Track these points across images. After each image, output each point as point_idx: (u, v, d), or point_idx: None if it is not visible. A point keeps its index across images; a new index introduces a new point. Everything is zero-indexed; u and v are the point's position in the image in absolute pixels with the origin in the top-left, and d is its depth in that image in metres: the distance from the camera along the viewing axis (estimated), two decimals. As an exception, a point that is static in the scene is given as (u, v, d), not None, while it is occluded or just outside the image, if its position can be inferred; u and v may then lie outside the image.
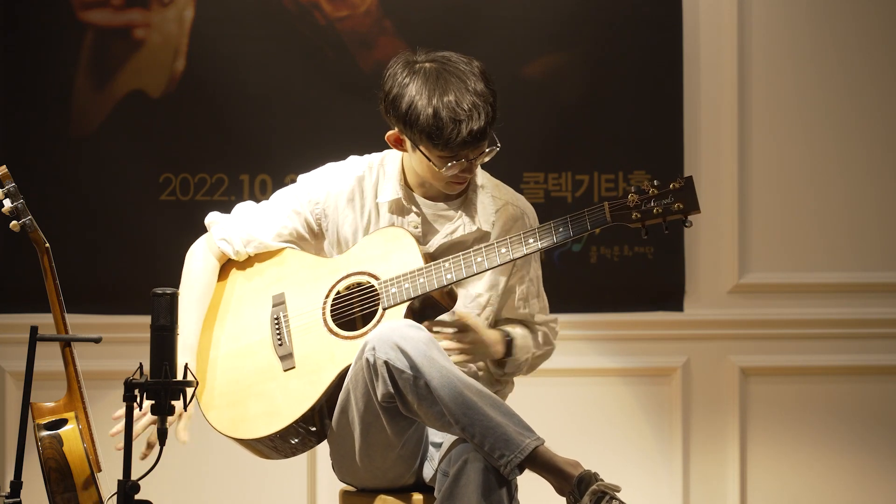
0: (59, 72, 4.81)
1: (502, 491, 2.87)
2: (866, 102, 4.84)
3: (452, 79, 3.03)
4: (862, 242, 4.84)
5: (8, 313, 4.76)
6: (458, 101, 3.00)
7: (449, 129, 2.99)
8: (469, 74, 3.04)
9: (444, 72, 3.04)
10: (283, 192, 3.28)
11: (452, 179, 3.10)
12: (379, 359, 2.91)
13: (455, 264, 3.05)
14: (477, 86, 3.03)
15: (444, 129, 3.00)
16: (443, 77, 3.03)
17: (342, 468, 3.16)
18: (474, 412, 2.87)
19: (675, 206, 2.95)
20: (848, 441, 4.81)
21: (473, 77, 3.04)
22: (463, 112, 2.99)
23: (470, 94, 3.01)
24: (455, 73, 3.03)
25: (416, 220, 3.19)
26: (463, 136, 3.00)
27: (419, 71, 3.05)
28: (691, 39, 4.82)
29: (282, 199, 3.26)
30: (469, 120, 2.99)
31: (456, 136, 3.00)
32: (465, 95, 3.01)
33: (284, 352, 3.13)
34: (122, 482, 2.84)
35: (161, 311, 2.85)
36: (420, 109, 3.01)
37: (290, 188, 3.28)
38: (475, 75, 3.05)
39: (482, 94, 3.02)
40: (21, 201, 3.30)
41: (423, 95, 3.01)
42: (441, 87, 3.01)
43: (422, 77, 3.04)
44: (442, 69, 3.04)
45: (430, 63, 3.07)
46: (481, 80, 3.05)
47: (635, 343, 4.81)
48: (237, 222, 3.26)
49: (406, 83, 3.04)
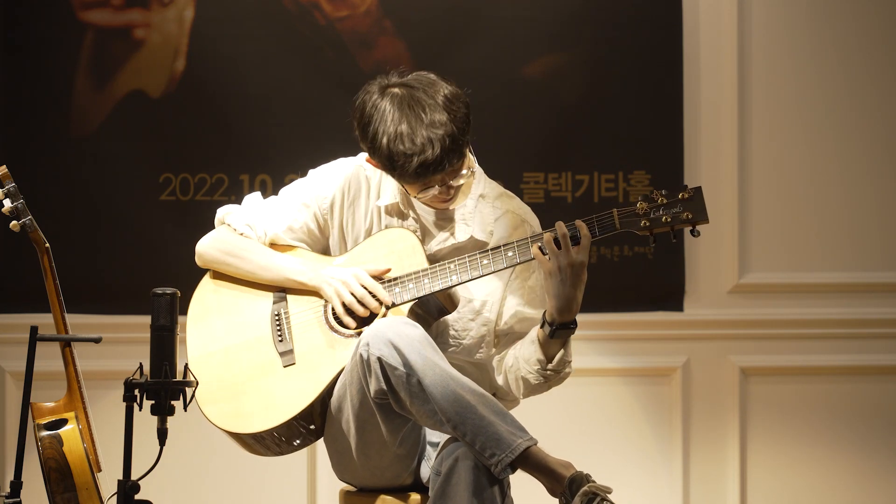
0: (59, 72, 4.81)
1: (494, 489, 2.87)
2: (866, 102, 4.84)
3: (412, 109, 3.00)
4: (862, 242, 4.84)
5: (8, 313, 4.76)
6: (410, 134, 2.98)
7: (400, 162, 3.00)
8: (429, 106, 3.01)
9: (405, 99, 3.02)
10: (293, 186, 3.28)
11: (430, 201, 3.11)
12: (373, 355, 2.92)
13: (461, 266, 3.05)
14: (435, 116, 3.00)
15: (395, 161, 3.00)
16: (402, 107, 3.01)
17: (340, 466, 3.16)
18: (466, 411, 2.86)
19: (683, 215, 2.97)
20: (848, 441, 4.81)
21: (433, 108, 3.01)
22: (414, 146, 2.98)
23: (426, 126, 2.99)
24: (417, 103, 3.01)
25: (414, 224, 3.19)
26: (413, 168, 2.99)
27: (386, 96, 3.04)
28: (691, 39, 4.82)
29: (292, 193, 3.27)
30: (420, 153, 2.98)
31: (407, 169, 3.00)
32: (420, 128, 2.99)
33: (284, 348, 3.13)
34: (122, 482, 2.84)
35: (161, 311, 2.86)
36: (379, 139, 3.01)
37: (300, 182, 3.28)
38: (436, 105, 3.01)
39: (439, 124, 2.99)
40: (21, 201, 3.30)
41: (383, 124, 3.01)
42: (399, 118, 3.00)
43: (388, 103, 3.03)
44: (404, 97, 3.02)
45: (399, 88, 3.05)
46: (442, 109, 3.01)
47: (635, 343, 4.81)
48: (253, 212, 3.26)
49: (374, 109, 3.04)
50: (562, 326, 3.01)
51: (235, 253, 3.23)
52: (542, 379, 3.07)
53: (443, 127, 2.99)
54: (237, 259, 3.23)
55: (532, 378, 3.07)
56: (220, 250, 3.25)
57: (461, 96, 3.06)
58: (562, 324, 3.00)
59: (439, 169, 3.01)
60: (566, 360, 3.07)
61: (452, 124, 3.00)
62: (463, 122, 3.02)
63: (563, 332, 3.02)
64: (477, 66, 4.77)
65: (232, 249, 3.24)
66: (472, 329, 3.16)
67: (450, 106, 3.02)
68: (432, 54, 4.80)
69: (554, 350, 3.04)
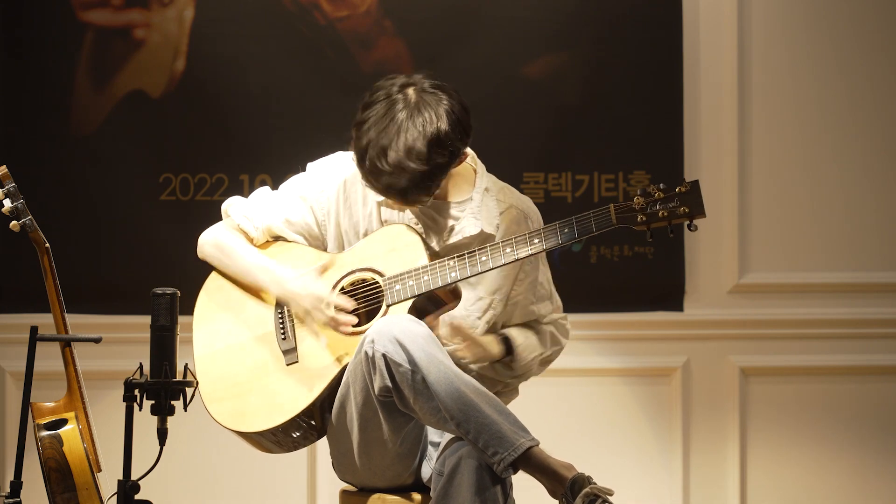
0: (59, 72, 4.81)
1: (496, 489, 2.87)
2: (866, 102, 4.84)
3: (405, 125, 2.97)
4: (861, 242, 4.84)
5: (8, 313, 4.76)
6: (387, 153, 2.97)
7: (365, 171, 3.01)
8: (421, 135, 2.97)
9: (408, 110, 2.99)
10: (293, 180, 3.28)
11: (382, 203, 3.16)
12: (377, 352, 2.92)
13: (460, 263, 3.05)
14: (418, 147, 2.97)
15: (364, 164, 3.00)
16: (398, 117, 2.99)
17: (342, 466, 3.16)
18: (470, 409, 2.87)
19: (680, 209, 2.95)
20: (848, 441, 4.81)
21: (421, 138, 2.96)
22: (385, 165, 2.97)
23: (404, 151, 2.96)
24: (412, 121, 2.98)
25: (415, 217, 3.18)
26: (379, 188, 3.01)
27: (400, 91, 3.02)
28: (691, 39, 4.83)
29: (291, 187, 3.27)
30: (390, 175, 2.97)
31: (372, 184, 3.02)
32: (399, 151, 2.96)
33: (287, 346, 3.13)
34: (122, 482, 2.85)
35: (161, 311, 2.86)
36: (361, 135, 3.01)
37: (299, 176, 3.29)
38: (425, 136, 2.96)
39: (418, 157, 2.96)
40: (21, 201, 3.30)
41: (375, 121, 3.00)
42: (390, 126, 2.98)
43: (399, 102, 3.01)
44: (408, 106, 3.00)
45: (414, 93, 3.02)
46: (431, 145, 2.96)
47: (635, 343, 4.81)
48: (255, 205, 3.27)
49: (380, 99, 3.03)
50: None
51: (225, 252, 3.24)
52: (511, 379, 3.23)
53: (419, 163, 2.96)
54: (226, 258, 3.24)
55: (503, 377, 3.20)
56: (214, 246, 3.26)
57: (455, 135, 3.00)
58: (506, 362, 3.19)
59: (401, 197, 3.03)
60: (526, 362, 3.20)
61: (427, 165, 2.97)
62: (438, 166, 2.99)
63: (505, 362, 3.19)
64: (476, 66, 4.77)
65: (223, 248, 3.25)
66: (479, 327, 3.17)
67: (435, 144, 2.98)
68: (432, 54, 4.80)
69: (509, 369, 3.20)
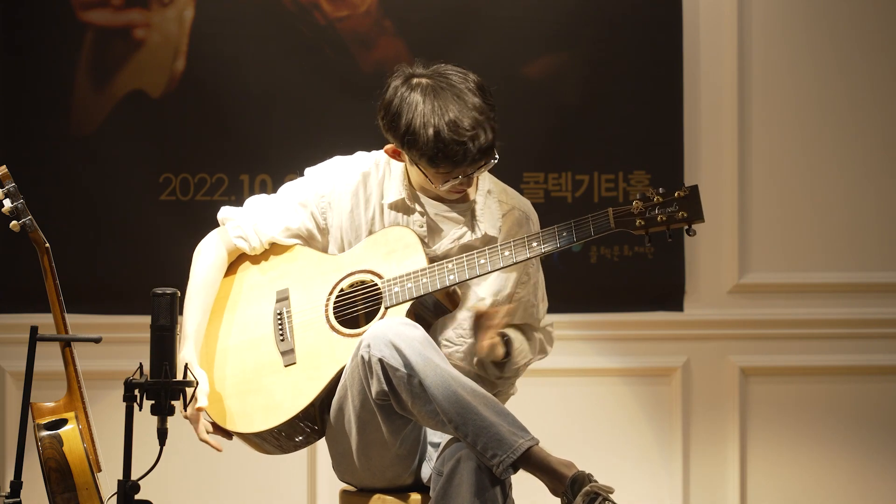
0: (59, 72, 4.81)
1: (495, 490, 2.87)
2: (866, 102, 4.84)
3: (451, 96, 3.00)
4: (862, 242, 4.84)
5: (8, 313, 4.76)
6: (459, 121, 2.97)
7: (453, 150, 2.98)
8: (466, 90, 3.01)
9: (441, 88, 3.01)
10: (290, 186, 3.28)
11: (451, 190, 3.10)
12: (374, 356, 2.92)
13: (458, 265, 3.05)
14: (475, 101, 3.00)
15: (447, 150, 2.98)
16: (441, 94, 3.00)
17: (341, 467, 3.16)
18: (468, 411, 2.87)
19: (679, 214, 2.95)
20: (848, 441, 4.81)
21: (471, 93, 3.01)
22: (466, 132, 2.97)
23: (470, 110, 2.99)
24: (453, 90, 3.00)
25: (420, 219, 3.18)
26: (472, 154, 2.99)
27: (416, 87, 3.02)
28: (691, 39, 4.83)
29: (289, 193, 3.26)
30: (474, 139, 2.97)
31: (462, 157, 2.99)
32: (466, 113, 2.98)
33: (286, 347, 3.13)
34: (122, 482, 2.85)
35: (161, 311, 2.86)
36: (419, 130, 2.98)
37: (297, 181, 3.28)
38: (472, 90, 3.01)
39: (482, 109, 3.00)
40: (21, 201, 3.30)
41: (421, 115, 2.98)
42: (440, 106, 2.99)
43: (420, 94, 3.01)
44: (438, 85, 3.01)
45: (427, 79, 3.04)
46: (478, 94, 3.02)
47: (635, 343, 4.81)
48: (250, 217, 3.26)
49: (404, 101, 3.01)
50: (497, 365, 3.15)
51: (189, 289, 3.23)
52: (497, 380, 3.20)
53: (485, 112, 3.00)
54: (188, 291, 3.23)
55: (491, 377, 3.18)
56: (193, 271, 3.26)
57: (481, 80, 3.07)
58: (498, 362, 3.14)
59: (490, 152, 3.02)
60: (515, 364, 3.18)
61: (492, 109, 3.02)
62: (495, 110, 3.04)
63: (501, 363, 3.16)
64: (476, 66, 4.68)
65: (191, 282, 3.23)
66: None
67: (485, 91, 3.04)
68: (432, 54, 4.73)
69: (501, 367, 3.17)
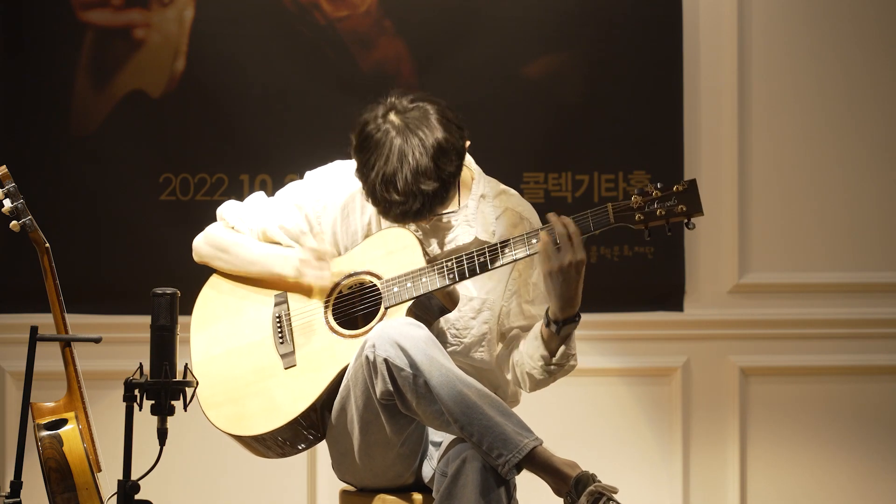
0: (59, 72, 4.81)
1: (500, 490, 2.87)
2: (866, 102, 4.84)
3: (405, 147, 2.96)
4: (862, 242, 4.84)
5: (8, 313, 4.76)
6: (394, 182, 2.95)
7: (383, 206, 2.99)
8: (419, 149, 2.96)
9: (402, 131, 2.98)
10: (289, 187, 3.29)
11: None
12: (378, 356, 2.92)
13: (458, 264, 3.05)
14: (423, 162, 2.95)
15: (377, 200, 2.99)
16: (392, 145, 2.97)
17: (342, 467, 3.16)
18: (473, 411, 2.87)
19: (678, 208, 2.95)
20: (848, 441, 4.81)
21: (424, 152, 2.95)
22: (396, 194, 2.96)
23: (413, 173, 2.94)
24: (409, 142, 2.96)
25: (413, 224, 3.18)
26: (394, 214, 3.00)
27: (384, 126, 3.00)
28: (691, 39, 4.82)
29: (287, 194, 3.27)
30: (401, 204, 2.97)
31: (385, 213, 3.01)
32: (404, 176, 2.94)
33: (286, 350, 3.13)
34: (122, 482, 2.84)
35: (161, 311, 2.86)
36: (368, 171, 2.98)
37: (296, 183, 3.29)
38: (425, 150, 2.95)
39: (425, 174, 2.95)
40: (21, 201, 3.30)
41: (374, 158, 2.97)
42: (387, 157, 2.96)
43: (382, 136, 2.98)
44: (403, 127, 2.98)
45: (398, 119, 3.00)
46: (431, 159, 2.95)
47: (635, 343, 4.81)
48: (248, 209, 3.27)
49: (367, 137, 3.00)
50: (567, 321, 3.00)
51: (226, 248, 3.25)
52: (547, 374, 3.07)
53: (431, 182, 2.96)
54: (227, 255, 3.24)
55: (537, 373, 3.07)
56: (213, 246, 3.27)
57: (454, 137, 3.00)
58: (566, 319, 3.00)
59: (419, 218, 3.02)
60: (569, 353, 3.06)
61: (438, 181, 2.97)
62: (450, 175, 2.99)
63: (569, 327, 3.01)
64: (476, 66, 4.77)
65: (223, 245, 3.25)
66: (474, 327, 3.16)
67: (440, 155, 2.97)
68: (432, 54, 4.80)
69: (557, 345, 3.04)
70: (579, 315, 3.01)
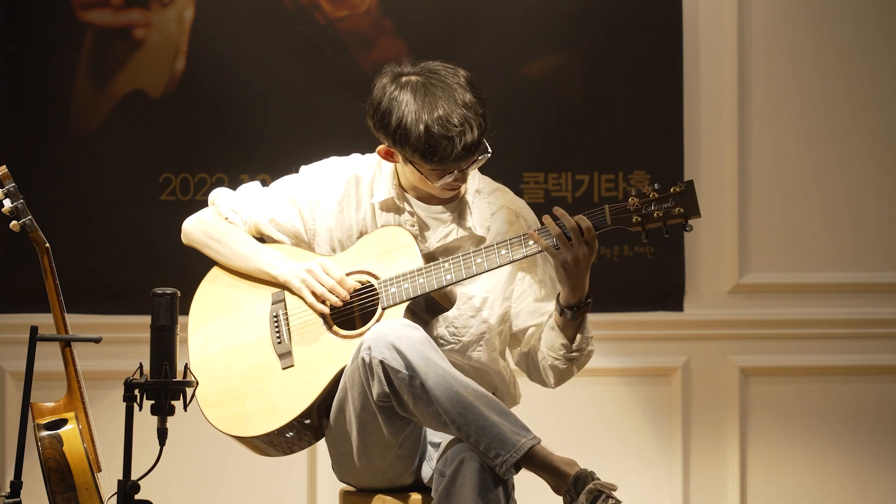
0: (59, 72, 4.81)
1: (498, 490, 2.87)
2: (866, 102, 4.84)
3: (440, 92, 3.01)
4: (862, 242, 4.84)
5: (8, 313, 4.76)
6: (448, 117, 2.98)
7: (442, 146, 2.98)
8: (456, 86, 3.02)
9: (430, 85, 3.02)
10: (284, 181, 3.29)
11: (445, 187, 3.10)
12: (375, 358, 2.92)
13: (455, 265, 3.05)
14: (465, 97, 3.01)
15: (436, 146, 2.99)
16: (430, 91, 3.01)
17: (341, 468, 3.16)
18: (470, 412, 2.87)
19: (675, 210, 2.95)
20: (848, 441, 4.81)
21: (461, 88, 3.02)
22: (454, 127, 2.98)
23: (459, 106, 3.00)
24: (442, 86, 3.02)
25: (410, 219, 3.18)
26: (457, 151, 2.99)
27: (406, 85, 3.04)
28: (691, 39, 4.82)
29: (281, 188, 3.27)
30: (462, 135, 2.98)
31: (450, 153, 2.99)
32: (455, 109, 2.99)
33: (283, 350, 3.13)
34: (122, 482, 2.85)
35: (161, 311, 2.86)
36: (410, 127, 2.99)
37: (291, 177, 3.29)
38: (462, 86, 3.03)
39: (471, 104, 3.01)
40: (21, 201, 3.30)
41: (411, 112, 3.00)
42: (430, 103, 3.00)
43: (409, 92, 3.02)
44: (428, 82, 3.03)
45: (416, 76, 3.06)
46: (468, 90, 3.03)
47: (635, 343, 4.81)
48: (242, 201, 3.27)
49: (393, 98, 3.03)
50: (580, 306, 3.02)
51: (216, 237, 3.25)
52: (569, 362, 3.09)
53: (474, 107, 3.01)
54: (217, 244, 3.24)
55: (560, 363, 3.10)
56: (203, 232, 3.27)
57: (470, 75, 3.09)
58: (578, 304, 3.02)
59: (478, 148, 3.02)
60: (587, 337, 3.09)
61: (481, 104, 3.03)
62: (485, 105, 3.05)
63: (583, 310, 3.04)
64: (476, 67, 4.68)
65: (214, 233, 3.25)
66: (472, 326, 3.16)
67: (475, 86, 3.05)
68: (432, 54, 4.73)
69: (573, 331, 3.06)
70: (590, 296, 3.03)
